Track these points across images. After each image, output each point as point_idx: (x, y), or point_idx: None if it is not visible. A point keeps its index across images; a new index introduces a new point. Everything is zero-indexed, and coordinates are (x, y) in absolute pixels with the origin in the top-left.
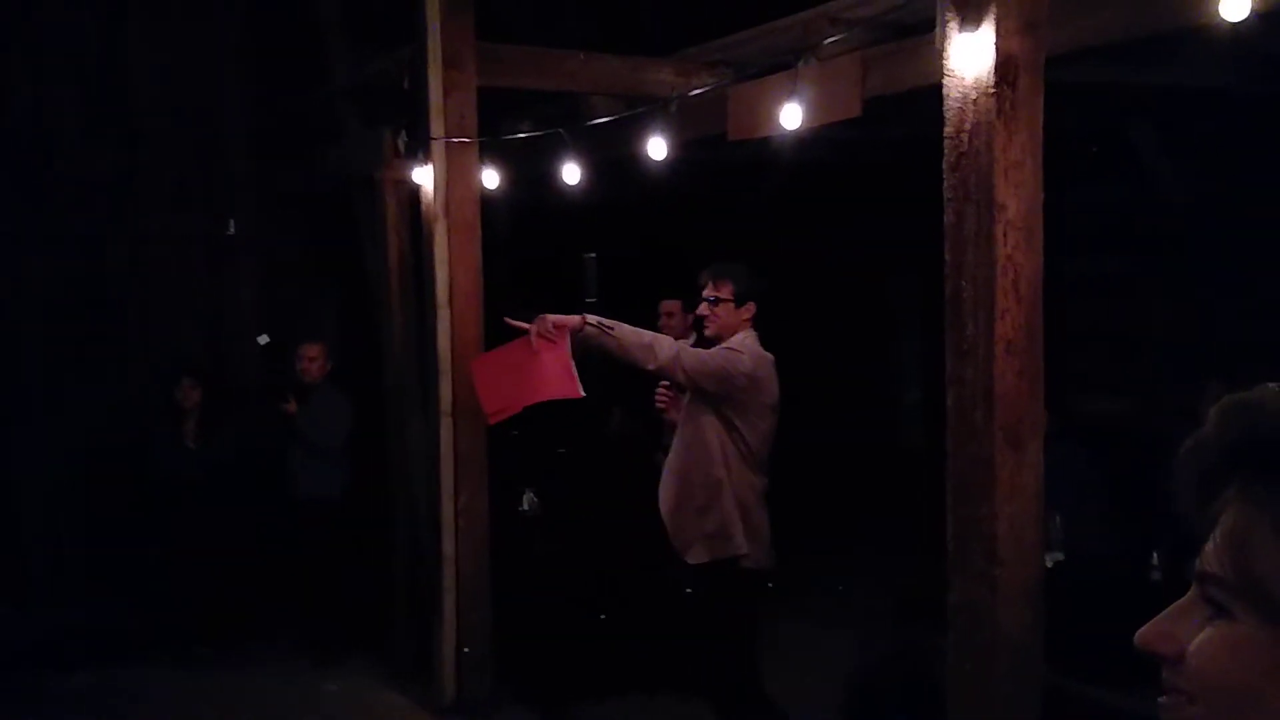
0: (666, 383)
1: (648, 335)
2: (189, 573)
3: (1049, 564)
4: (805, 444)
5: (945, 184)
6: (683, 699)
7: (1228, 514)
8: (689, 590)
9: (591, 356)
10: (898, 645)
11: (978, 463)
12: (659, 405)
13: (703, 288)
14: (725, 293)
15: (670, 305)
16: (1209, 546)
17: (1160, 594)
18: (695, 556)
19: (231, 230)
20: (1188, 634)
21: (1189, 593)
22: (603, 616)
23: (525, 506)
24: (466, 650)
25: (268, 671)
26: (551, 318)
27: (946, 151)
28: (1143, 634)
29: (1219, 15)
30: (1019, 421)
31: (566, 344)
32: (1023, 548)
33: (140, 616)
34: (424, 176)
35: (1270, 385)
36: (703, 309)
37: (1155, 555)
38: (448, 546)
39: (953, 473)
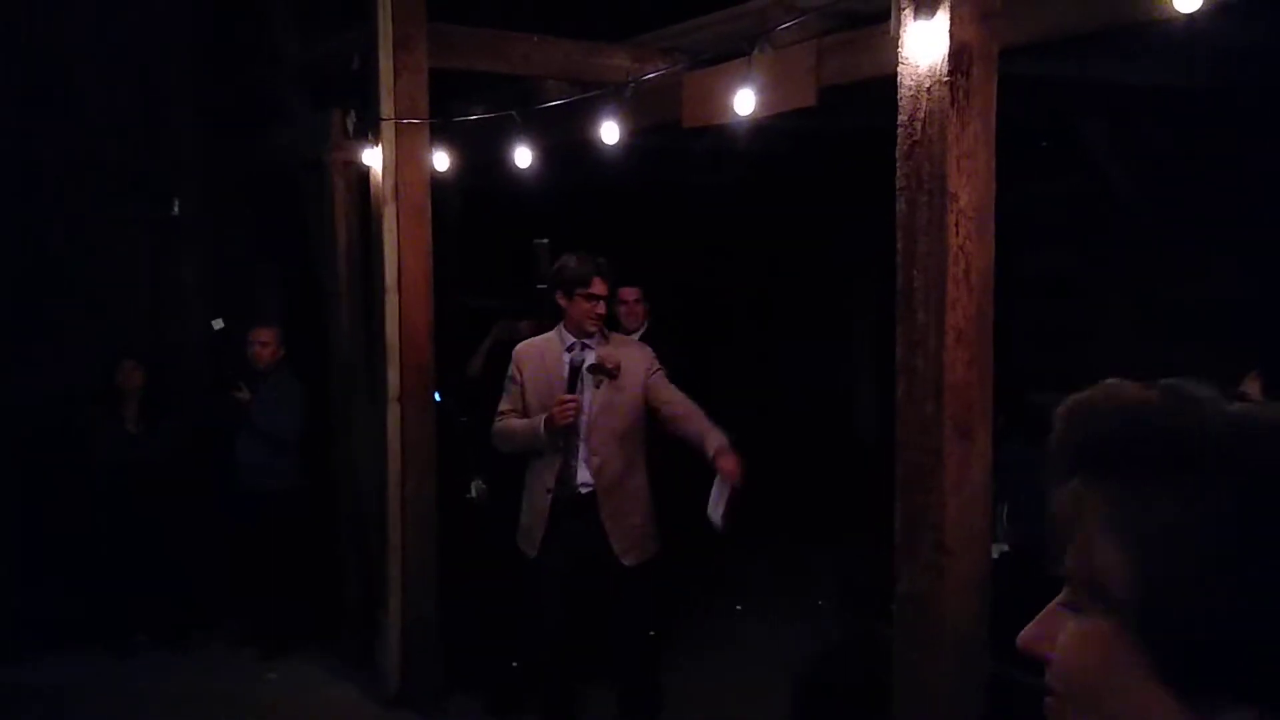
0: (571, 396)
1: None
2: (129, 560)
3: (995, 555)
4: (759, 436)
5: (898, 173)
6: (628, 689)
7: (1077, 513)
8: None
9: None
10: (847, 636)
11: (927, 452)
12: (565, 419)
13: (601, 286)
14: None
15: (627, 292)
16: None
17: None
18: (630, 561)
19: (175, 211)
20: (1059, 633)
21: (1061, 593)
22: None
23: (473, 494)
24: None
25: (210, 661)
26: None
27: (900, 140)
28: (1021, 637)
29: (1172, 8)
30: (969, 411)
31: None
32: (971, 538)
33: (78, 605)
34: (373, 158)
35: (1110, 381)
36: (601, 309)
37: None
38: (394, 535)
39: (902, 462)
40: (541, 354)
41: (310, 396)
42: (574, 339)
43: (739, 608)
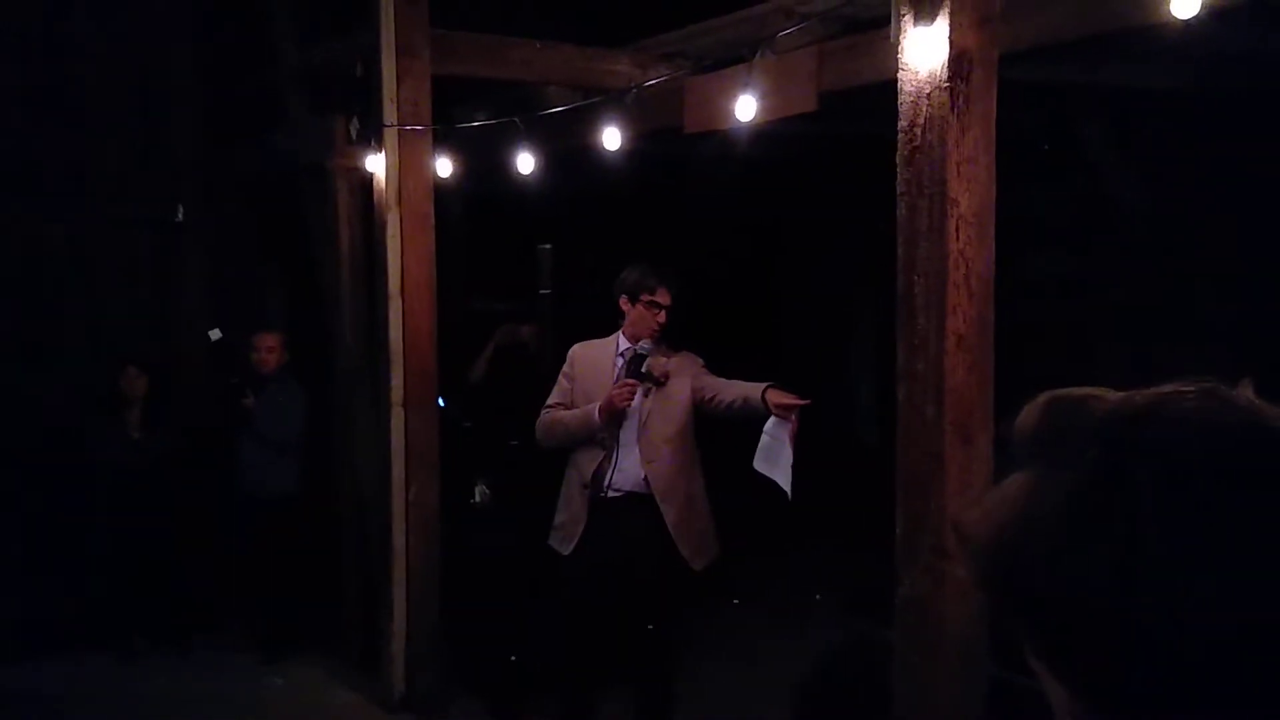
0: (630, 380)
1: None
2: (130, 564)
3: None
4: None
5: (899, 178)
6: (624, 692)
7: None
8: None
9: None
10: (848, 639)
11: (928, 457)
12: (624, 401)
13: (665, 295)
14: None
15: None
16: None
17: None
18: (698, 564)
19: (179, 217)
20: None
21: None
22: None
23: (477, 499)
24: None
25: (211, 666)
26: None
27: (900, 146)
28: None
29: (1169, 13)
30: (969, 416)
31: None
32: None
33: (80, 608)
34: (376, 164)
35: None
36: (663, 318)
37: None
38: (398, 539)
39: (903, 467)
40: (596, 354)
41: (313, 401)
42: (630, 345)
43: (736, 602)
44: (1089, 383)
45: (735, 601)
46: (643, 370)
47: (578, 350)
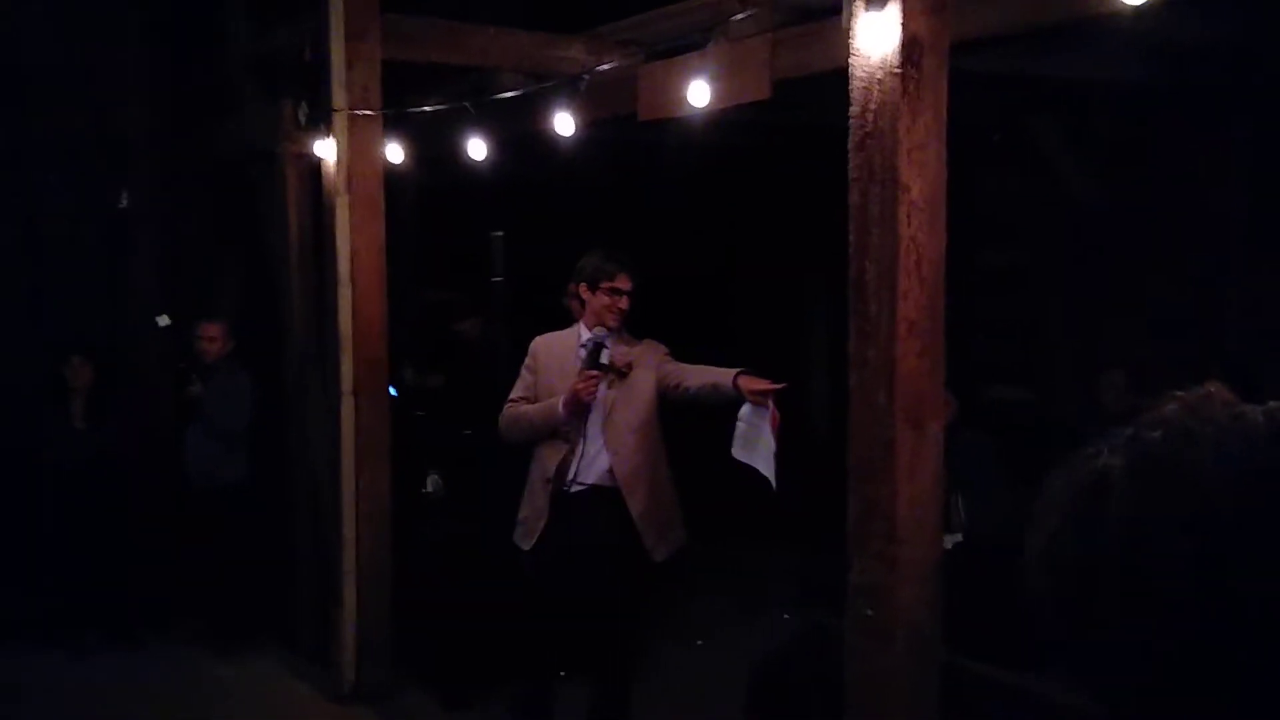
0: (592, 371)
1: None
2: (79, 558)
3: (948, 545)
4: (714, 432)
5: (850, 164)
6: (582, 683)
7: None
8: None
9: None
10: (801, 629)
11: (879, 443)
12: (589, 394)
13: (625, 281)
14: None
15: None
16: None
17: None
18: (660, 555)
19: (123, 203)
20: None
21: None
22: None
23: (429, 489)
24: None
25: (162, 659)
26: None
27: (852, 131)
28: None
29: (1121, 1)
30: (920, 402)
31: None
32: (922, 527)
33: (29, 603)
34: (326, 150)
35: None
36: (624, 304)
37: None
38: (348, 530)
39: (854, 453)
40: (558, 346)
41: (264, 390)
42: (591, 335)
43: (700, 642)
44: (1032, 373)
45: (699, 642)
46: (603, 361)
47: (539, 343)
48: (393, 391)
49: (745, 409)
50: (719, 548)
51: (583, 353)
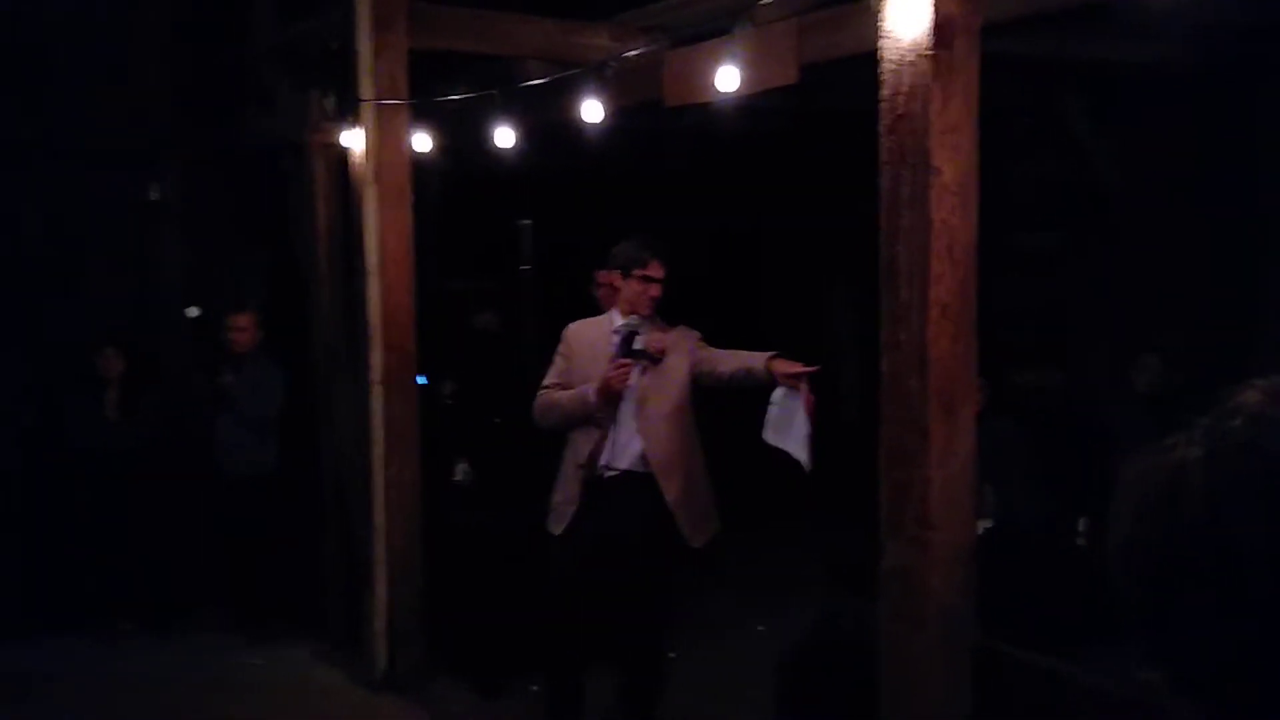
0: (625, 359)
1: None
2: (110, 546)
3: (980, 531)
4: (742, 418)
5: (881, 147)
6: (612, 671)
7: None
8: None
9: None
10: (831, 613)
11: (911, 427)
12: (621, 383)
13: (658, 269)
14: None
15: (608, 275)
16: None
17: (1086, 560)
18: (698, 541)
19: (154, 196)
20: None
21: None
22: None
23: (459, 477)
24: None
25: (193, 647)
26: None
27: (883, 114)
28: None
29: None
30: (952, 386)
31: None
32: (955, 512)
33: (61, 591)
34: (353, 140)
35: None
36: (656, 291)
37: (1081, 523)
38: (379, 518)
39: (886, 438)
40: (592, 332)
41: (293, 380)
42: (624, 322)
43: (761, 628)
44: (1063, 358)
45: (760, 629)
46: (637, 348)
47: (572, 329)
48: (421, 380)
49: (778, 392)
50: (747, 533)
51: (616, 339)
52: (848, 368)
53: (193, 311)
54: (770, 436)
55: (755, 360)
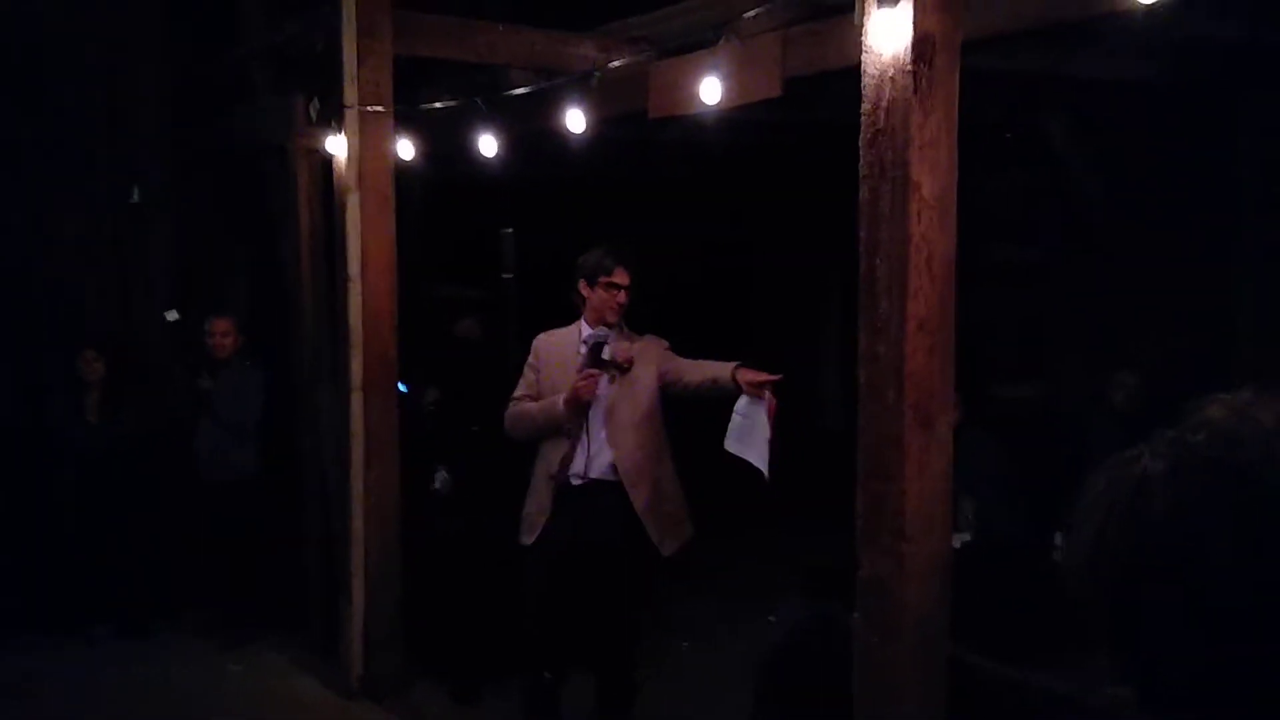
0: (593, 370)
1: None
2: (90, 551)
3: (957, 545)
4: (719, 425)
5: (861, 161)
6: (588, 678)
7: None
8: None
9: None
10: (809, 622)
11: (888, 440)
12: (589, 393)
13: (624, 276)
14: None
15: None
16: None
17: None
18: (668, 549)
19: (135, 197)
20: None
21: None
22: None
23: (438, 485)
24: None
25: (170, 653)
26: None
27: (863, 128)
28: None
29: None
30: (929, 399)
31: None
32: (930, 524)
33: (40, 596)
34: (337, 145)
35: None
36: (623, 298)
37: (1058, 537)
38: (357, 525)
39: (863, 449)
40: (560, 342)
41: (274, 384)
42: (592, 332)
43: (685, 645)
44: (1040, 372)
45: (685, 645)
46: (605, 357)
47: (541, 340)
48: (402, 388)
49: (741, 401)
50: (726, 541)
51: (584, 349)
52: (831, 376)
53: (171, 315)
54: (732, 445)
55: (721, 370)
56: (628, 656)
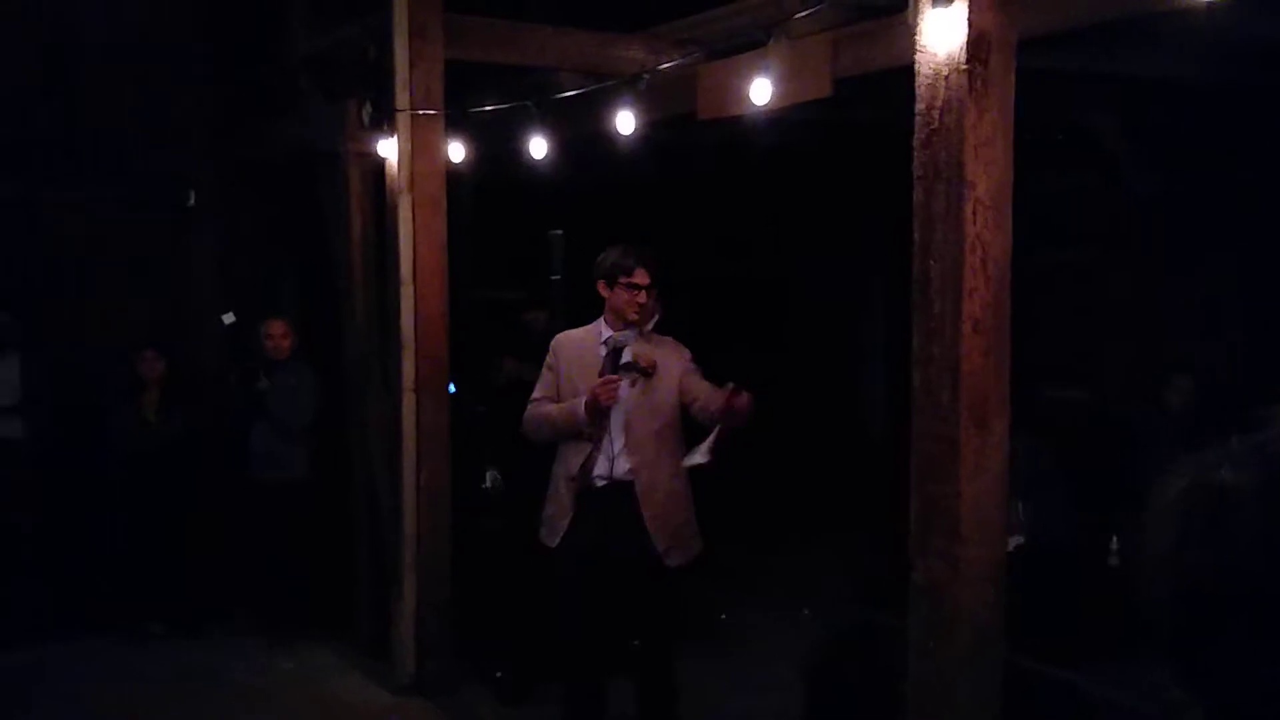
0: (614, 376)
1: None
2: (141, 548)
3: (1010, 548)
4: (770, 434)
5: (915, 161)
6: (634, 683)
7: None
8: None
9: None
10: (858, 628)
11: (943, 442)
12: (609, 399)
13: (643, 276)
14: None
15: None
16: None
17: (1119, 579)
18: (673, 560)
19: (191, 202)
20: None
21: None
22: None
23: (488, 484)
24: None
25: (222, 649)
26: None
27: (917, 128)
28: None
29: None
30: (985, 400)
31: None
32: (986, 527)
33: (94, 592)
34: (388, 149)
35: None
36: (643, 298)
37: (1115, 540)
38: (409, 524)
39: (918, 452)
40: (580, 343)
41: (326, 386)
42: (612, 331)
43: (806, 611)
44: (1092, 374)
45: (805, 611)
46: (627, 361)
47: (560, 340)
48: (452, 388)
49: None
50: (771, 548)
51: (603, 351)
52: (876, 384)
53: (229, 318)
54: (687, 460)
55: (719, 396)
56: (665, 659)
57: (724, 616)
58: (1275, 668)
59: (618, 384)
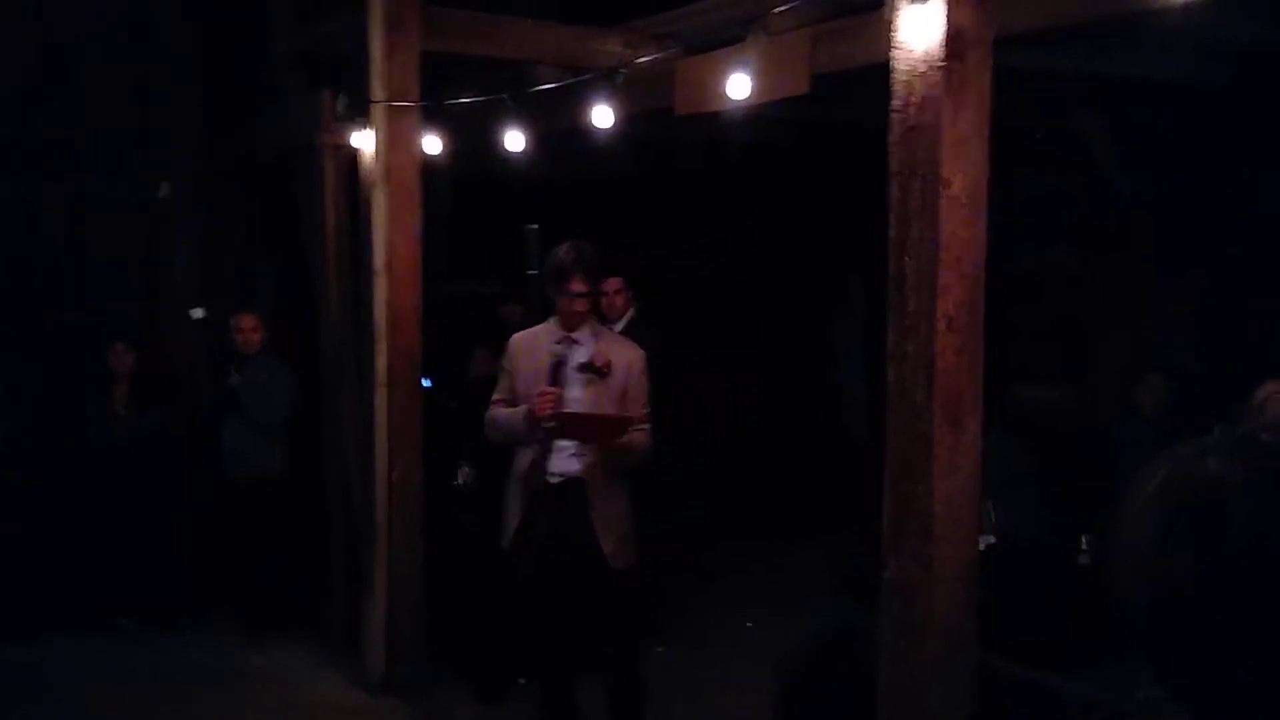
0: (551, 388)
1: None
2: (117, 543)
3: (981, 546)
4: (750, 433)
5: (891, 158)
6: (603, 680)
7: None
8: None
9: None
10: (832, 628)
11: (916, 440)
12: (542, 411)
13: (580, 284)
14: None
15: (609, 283)
16: None
17: (1089, 577)
18: (618, 563)
19: (164, 194)
20: None
21: None
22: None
23: (460, 480)
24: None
25: (194, 646)
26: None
27: (893, 125)
28: None
29: None
30: (959, 399)
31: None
32: (959, 526)
33: (67, 587)
34: (363, 141)
35: None
36: (580, 306)
37: (1084, 540)
38: (380, 520)
39: (891, 450)
40: (532, 344)
41: (300, 381)
42: (563, 332)
43: (749, 625)
44: (1067, 373)
45: (749, 625)
46: (584, 361)
47: (514, 341)
48: (426, 383)
49: None
50: (745, 547)
51: (554, 354)
52: (856, 382)
53: (197, 312)
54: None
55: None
56: (630, 658)
57: (750, 625)
58: (1255, 669)
59: (555, 396)
